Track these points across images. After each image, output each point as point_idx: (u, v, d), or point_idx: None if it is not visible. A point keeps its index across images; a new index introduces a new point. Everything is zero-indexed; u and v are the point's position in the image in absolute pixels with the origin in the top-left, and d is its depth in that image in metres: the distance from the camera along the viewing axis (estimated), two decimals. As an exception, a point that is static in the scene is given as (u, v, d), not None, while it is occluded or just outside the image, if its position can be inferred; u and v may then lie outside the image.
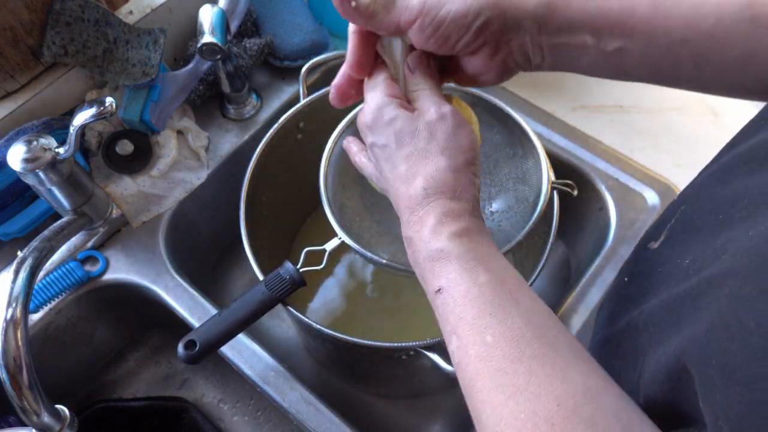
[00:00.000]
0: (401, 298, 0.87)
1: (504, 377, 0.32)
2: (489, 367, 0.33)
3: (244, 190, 0.68)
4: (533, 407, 0.30)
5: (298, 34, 0.88)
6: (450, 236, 0.37)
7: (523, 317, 0.34)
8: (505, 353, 0.33)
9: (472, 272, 0.36)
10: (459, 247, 0.37)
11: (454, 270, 0.37)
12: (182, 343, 0.55)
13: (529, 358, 0.32)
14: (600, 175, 0.81)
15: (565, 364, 0.32)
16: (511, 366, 0.32)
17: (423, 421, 0.83)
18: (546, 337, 0.33)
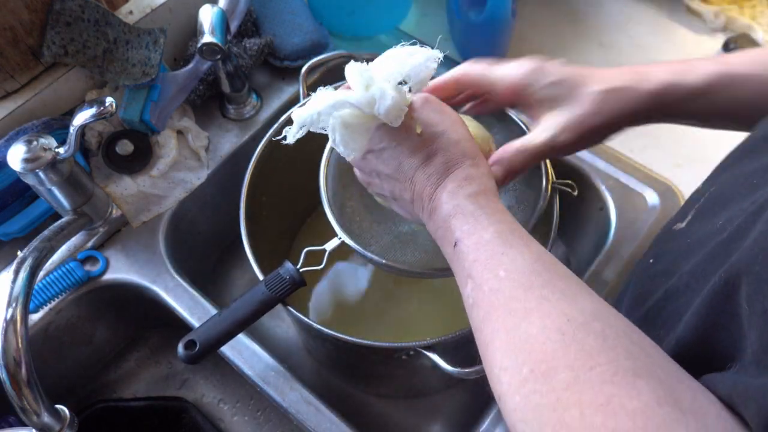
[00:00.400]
0: (401, 298, 0.87)
1: (516, 303, 0.34)
2: (502, 296, 0.35)
3: (244, 190, 0.68)
4: (544, 322, 0.32)
5: (298, 34, 0.88)
6: (466, 196, 0.41)
7: (534, 254, 0.37)
8: (517, 283, 0.35)
9: (485, 222, 0.39)
10: (473, 204, 0.40)
11: (469, 222, 0.40)
12: (182, 343, 0.55)
13: (539, 286, 0.34)
14: (600, 175, 0.81)
15: (575, 291, 0.34)
16: (523, 293, 0.34)
17: (423, 421, 0.83)
18: (556, 270, 0.35)
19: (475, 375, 0.56)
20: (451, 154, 0.43)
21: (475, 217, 0.40)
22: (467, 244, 0.39)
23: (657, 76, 0.46)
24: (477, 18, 0.89)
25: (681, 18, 1.05)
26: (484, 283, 0.37)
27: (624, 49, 1.01)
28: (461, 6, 0.92)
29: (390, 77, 0.43)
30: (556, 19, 1.05)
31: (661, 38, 1.02)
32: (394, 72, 0.43)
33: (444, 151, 0.43)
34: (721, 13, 1.01)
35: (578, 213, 0.85)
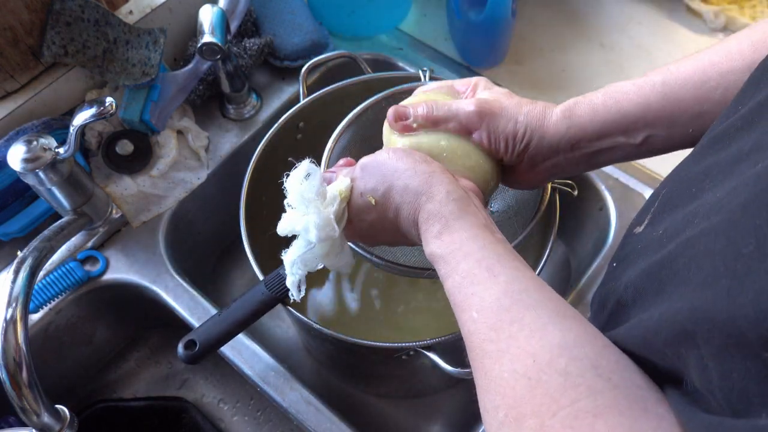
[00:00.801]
0: (401, 298, 0.87)
1: (490, 345, 0.35)
2: (478, 338, 0.36)
3: (244, 190, 0.68)
4: (513, 366, 0.33)
5: (298, 34, 0.88)
6: (433, 239, 0.42)
7: (502, 288, 0.37)
8: (488, 324, 0.36)
9: (453, 263, 0.40)
10: (441, 246, 0.41)
11: (441, 267, 0.41)
12: (182, 343, 0.55)
13: (508, 324, 0.35)
14: (600, 175, 0.81)
15: (544, 323, 0.34)
16: (495, 334, 0.35)
17: (423, 421, 0.83)
18: (524, 302, 0.36)
19: (475, 375, 0.56)
20: (407, 203, 0.44)
21: (445, 261, 0.41)
22: (447, 288, 0.40)
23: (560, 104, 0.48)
24: (477, 18, 0.89)
25: (681, 18, 1.05)
26: (464, 325, 0.38)
27: (624, 50, 1.01)
28: (461, 6, 0.92)
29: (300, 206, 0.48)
30: (556, 19, 1.05)
31: (661, 38, 1.02)
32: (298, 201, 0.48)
33: (401, 205, 0.44)
34: (721, 13, 1.01)
35: (578, 213, 0.85)
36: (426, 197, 0.43)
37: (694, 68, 0.45)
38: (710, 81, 0.44)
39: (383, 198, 0.45)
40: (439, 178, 0.44)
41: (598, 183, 0.80)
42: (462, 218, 0.42)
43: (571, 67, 0.98)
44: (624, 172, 0.81)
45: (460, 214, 0.42)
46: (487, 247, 0.40)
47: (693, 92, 0.44)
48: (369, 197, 0.46)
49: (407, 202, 0.44)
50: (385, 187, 0.45)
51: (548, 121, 0.48)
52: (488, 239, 0.40)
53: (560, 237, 0.93)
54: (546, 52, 1.00)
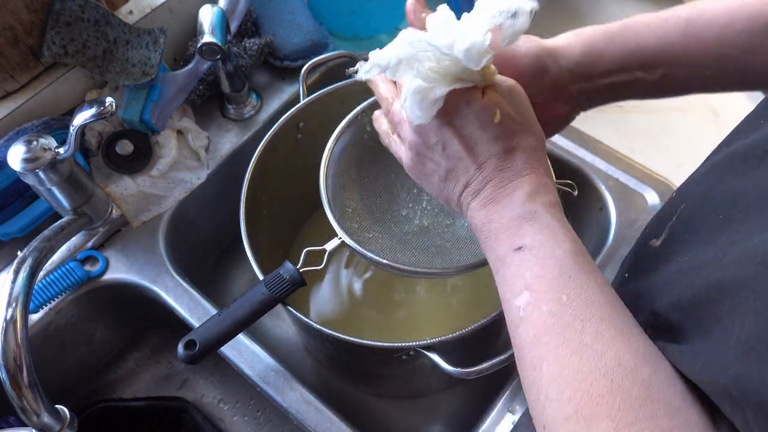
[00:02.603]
0: (401, 298, 0.87)
1: (573, 333, 0.34)
2: (560, 322, 0.34)
3: (244, 190, 0.68)
4: (596, 363, 0.32)
5: (298, 34, 0.88)
6: (543, 203, 0.39)
7: (598, 285, 0.36)
8: (577, 312, 0.34)
9: (558, 238, 0.38)
10: (549, 214, 0.39)
11: (543, 232, 0.38)
12: (182, 343, 0.55)
13: (597, 320, 0.34)
14: (600, 175, 0.81)
15: (630, 331, 0.34)
16: (581, 324, 0.34)
17: (423, 421, 0.83)
18: (614, 306, 0.35)
19: (475, 375, 0.56)
20: (530, 158, 0.41)
21: (551, 229, 0.38)
22: (536, 255, 0.37)
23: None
24: (477, 18, 0.89)
25: (681, 18, 1.05)
26: (543, 302, 0.35)
27: (624, 49, 1.00)
28: (461, 6, 0.92)
29: (476, 23, 0.40)
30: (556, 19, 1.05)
31: (661, 38, 1.02)
32: (481, 19, 0.40)
33: (524, 151, 0.41)
34: (721, 13, 1.01)
35: (578, 213, 0.85)
36: (545, 171, 0.41)
37: (723, 8, 0.42)
38: (736, 24, 0.41)
39: (508, 129, 0.40)
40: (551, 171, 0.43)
41: (598, 183, 0.80)
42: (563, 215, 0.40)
43: (571, 67, 0.98)
44: (624, 172, 0.81)
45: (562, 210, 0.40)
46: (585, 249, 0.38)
47: (717, 33, 0.42)
48: (498, 113, 0.40)
49: (530, 157, 0.40)
50: (519, 128, 0.41)
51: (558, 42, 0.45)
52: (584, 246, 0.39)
53: (560, 237, 0.92)
54: (546, 52, 1.00)
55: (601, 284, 0.36)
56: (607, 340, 0.33)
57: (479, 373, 0.56)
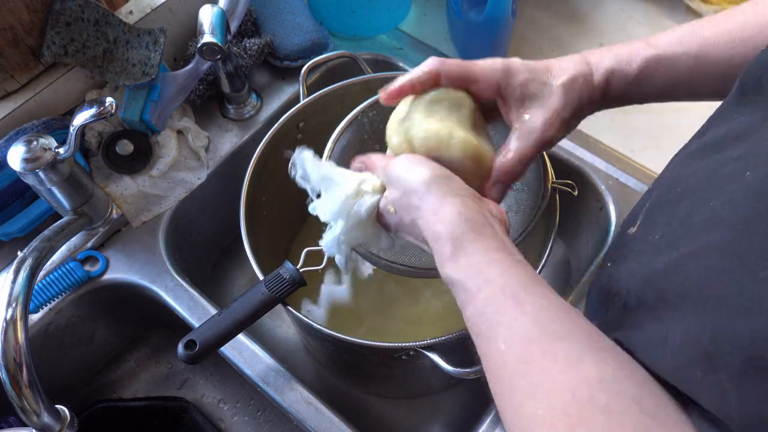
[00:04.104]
0: (401, 298, 0.87)
1: (520, 380, 0.33)
2: (506, 372, 0.34)
3: (244, 190, 0.68)
4: (550, 403, 0.31)
5: (298, 34, 0.88)
6: (446, 262, 0.40)
7: (530, 318, 0.34)
8: (518, 356, 0.33)
9: (474, 290, 0.38)
10: (456, 271, 0.39)
11: (461, 294, 0.39)
12: (182, 343, 0.55)
13: (539, 357, 0.33)
14: (600, 175, 0.81)
15: (579, 356, 0.32)
16: (525, 368, 0.33)
17: (423, 421, 0.83)
18: (556, 333, 0.34)
19: (475, 375, 0.56)
20: (420, 218, 0.43)
21: (464, 287, 0.39)
22: (467, 317, 0.38)
23: (603, 64, 0.48)
24: (477, 18, 0.89)
25: (681, 18, 1.05)
26: (489, 357, 0.36)
27: (624, 49, 1.00)
28: (461, 6, 0.92)
29: None
30: (556, 19, 1.05)
31: (661, 38, 1.02)
32: None
33: (417, 218, 0.43)
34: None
35: (578, 213, 0.85)
36: (436, 217, 0.41)
37: (727, 43, 0.45)
38: (737, 58, 0.44)
39: (402, 210, 0.45)
40: (451, 202, 0.42)
41: (598, 183, 0.80)
42: (476, 240, 0.40)
43: (571, 67, 0.98)
44: (624, 172, 0.81)
45: (473, 236, 0.40)
46: (509, 272, 0.38)
47: (722, 70, 0.45)
48: (389, 207, 0.46)
49: (419, 217, 0.43)
50: (403, 201, 0.44)
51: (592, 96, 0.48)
52: (508, 263, 0.38)
53: (560, 237, 0.93)
54: (546, 52, 1.00)
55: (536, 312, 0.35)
56: (554, 375, 0.32)
57: (479, 373, 0.56)
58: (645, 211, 0.41)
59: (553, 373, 0.32)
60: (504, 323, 0.35)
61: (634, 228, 0.41)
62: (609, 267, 0.43)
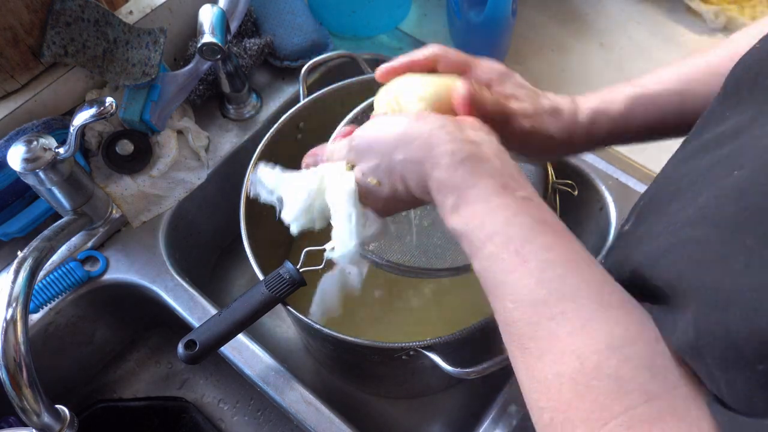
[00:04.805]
0: (401, 298, 0.87)
1: (530, 342, 0.33)
2: (516, 331, 0.34)
3: (244, 190, 0.68)
4: (558, 368, 0.31)
5: (298, 34, 0.88)
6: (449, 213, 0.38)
7: (535, 276, 0.33)
8: (525, 318, 0.33)
9: (477, 246, 0.36)
10: (459, 222, 0.37)
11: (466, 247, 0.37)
12: (182, 343, 0.55)
13: (547, 320, 0.32)
14: (600, 175, 0.81)
15: (587, 318, 0.31)
16: (533, 330, 0.32)
17: (423, 421, 0.83)
18: (561, 291, 0.33)
19: (475, 375, 0.56)
20: (412, 173, 0.40)
21: (468, 239, 0.37)
22: (475, 269, 0.37)
23: (588, 104, 0.49)
24: (477, 18, 0.89)
25: (681, 18, 1.05)
26: (498, 312, 0.35)
27: (624, 49, 1.01)
28: (461, 6, 0.92)
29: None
30: (556, 19, 1.05)
31: (661, 38, 1.02)
32: None
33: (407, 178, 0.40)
34: (721, 12, 1.01)
35: (578, 213, 0.85)
36: (430, 164, 0.38)
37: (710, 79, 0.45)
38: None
39: (387, 176, 0.41)
40: (437, 137, 0.38)
41: (598, 183, 0.80)
42: (476, 185, 0.37)
43: (571, 67, 0.98)
44: (624, 172, 0.81)
45: (473, 179, 0.37)
46: (511, 221, 0.35)
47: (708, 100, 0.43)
48: (371, 179, 0.42)
49: (412, 171, 0.39)
50: (384, 164, 0.41)
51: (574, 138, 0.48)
52: (511, 210, 0.36)
53: (560, 237, 0.92)
54: (546, 52, 1.00)
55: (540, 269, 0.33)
56: (563, 340, 0.31)
57: (479, 373, 0.56)
58: (639, 208, 0.41)
59: (561, 338, 0.31)
60: (509, 282, 0.34)
61: (627, 225, 0.42)
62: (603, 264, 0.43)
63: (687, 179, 0.35)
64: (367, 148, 0.42)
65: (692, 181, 0.33)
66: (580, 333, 0.31)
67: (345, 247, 0.46)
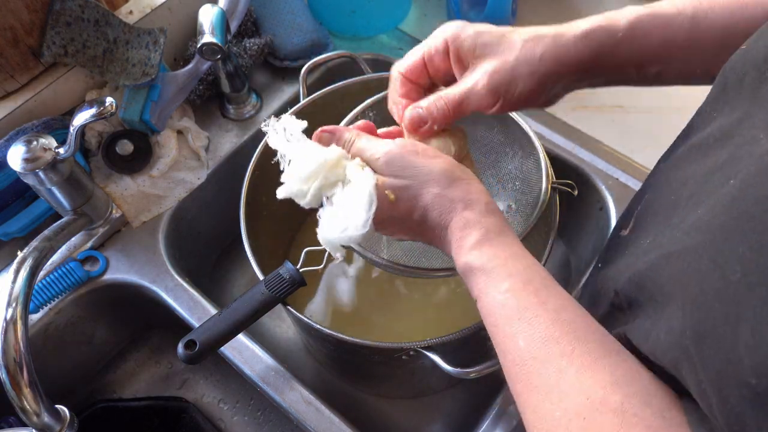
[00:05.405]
0: (401, 298, 0.87)
1: (537, 379, 0.33)
2: (525, 369, 0.34)
3: (244, 190, 0.68)
4: (565, 405, 0.32)
5: (298, 34, 0.88)
6: (470, 249, 0.39)
7: (551, 316, 0.35)
8: (536, 355, 0.34)
9: (497, 279, 0.38)
10: (480, 257, 0.39)
11: (481, 281, 0.39)
12: (182, 343, 0.55)
13: (557, 357, 0.33)
14: (600, 175, 0.81)
15: (594, 358, 0.33)
16: (543, 367, 0.33)
17: (423, 421, 0.83)
18: (574, 333, 0.34)
19: (475, 375, 0.56)
20: (439, 206, 0.41)
21: (486, 273, 0.38)
22: (485, 305, 0.38)
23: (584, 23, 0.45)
24: (477, 18, 0.89)
25: (681, 18, 1.04)
26: (507, 352, 0.36)
27: (624, 49, 1.00)
28: (461, 6, 0.92)
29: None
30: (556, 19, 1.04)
31: (661, 38, 1.02)
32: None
33: (430, 208, 0.42)
34: (721, 13, 1.01)
35: (578, 213, 0.85)
36: (463, 204, 0.41)
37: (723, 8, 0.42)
38: (737, 25, 0.41)
39: (408, 199, 0.42)
40: (477, 188, 0.42)
41: (598, 183, 0.80)
42: (503, 234, 0.40)
43: (571, 67, 0.98)
44: (624, 172, 0.81)
45: (501, 229, 0.40)
46: (532, 268, 0.38)
47: (719, 35, 0.42)
48: (389, 192, 0.42)
49: (441, 205, 0.41)
50: (413, 189, 0.42)
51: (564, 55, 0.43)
52: (530, 259, 0.39)
53: (560, 237, 0.93)
54: (546, 52, 1.00)
55: (557, 311, 0.35)
56: (570, 377, 0.32)
57: (479, 373, 0.56)
58: (637, 214, 0.41)
59: (569, 374, 0.32)
60: (525, 319, 0.35)
61: (626, 230, 0.42)
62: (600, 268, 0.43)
63: (686, 189, 0.35)
64: (403, 166, 0.43)
65: (691, 193, 0.34)
66: (587, 372, 0.32)
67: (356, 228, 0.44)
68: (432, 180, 0.42)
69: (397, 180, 0.42)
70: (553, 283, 0.37)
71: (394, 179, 0.42)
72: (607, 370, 0.32)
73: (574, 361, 0.33)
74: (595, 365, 0.32)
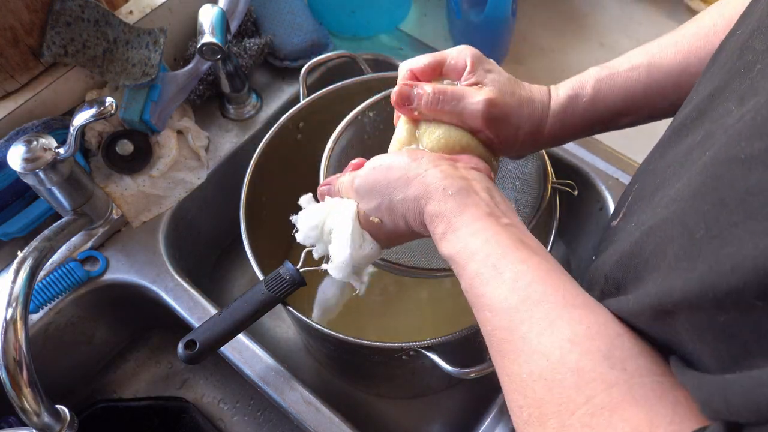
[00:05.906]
0: (401, 298, 0.87)
1: (506, 345, 0.36)
2: (496, 338, 0.36)
3: (244, 190, 0.68)
4: (530, 367, 0.33)
5: (298, 34, 0.88)
6: (439, 240, 0.42)
7: (508, 286, 0.37)
8: (502, 324, 0.36)
9: (461, 265, 0.39)
10: (448, 247, 0.41)
11: (454, 268, 0.41)
12: (182, 343, 0.55)
13: (519, 324, 0.35)
14: (600, 175, 0.81)
15: (552, 318, 0.34)
16: (508, 334, 0.35)
17: (423, 421, 0.83)
18: (531, 297, 0.36)
19: (475, 375, 0.56)
20: (411, 211, 0.43)
21: (454, 261, 0.40)
22: (463, 288, 0.40)
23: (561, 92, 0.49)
24: (477, 18, 0.89)
25: (681, 18, 1.05)
26: (481, 324, 0.38)
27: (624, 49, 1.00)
28: (461, 6, 0.92)
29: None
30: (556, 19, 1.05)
31: (661, 38, 1.02)
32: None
33: (406, 215, 0.44)
34: (721, 13, 1.01)
35: (578, 213, 0.85)
36: (425, 200, 0.42)
37: (675, 55, 0.46)
38: (690, 67, 0.45)
39: (388, 214, 0.45)
40: (432, 175, 0.43)
41: (598, 183, 0.80)
42: (462, 213, 0.41)
43: (571, 67, 0.98)
44: (624, 172, 0.81)
45: (459, 209, 0.41)
46: (491, 240, 0.39)
47: (675, 80, 0.46)
48: (373, 218, 0.46)
49: (410, 209, 0.44)
50: (385, 204, 0.45)
51: (545, 125, 0.49)
52: (491, 231, 0.39)
53: (560, 237, 0.93)
54: (546, 52, 1.00)
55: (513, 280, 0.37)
56: (532, 341, 0.34)
57: (479, 373, 0.56)
58: (628, 204, 0.42)
59: (531, 340, 0.34)
60: (487, 294, 0.37)
61: (616, 221, 0.43)
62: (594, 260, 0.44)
63: (670, 170, 0.36)
64: (368, 190, 0.46)
65: (674, 172, 0.35)
66: (546, 333, 0.34)
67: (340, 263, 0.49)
68: (393, 189, 0.44)
69: (371, 202, 0.46)
70: (515, 246, 0.38)
71: (369, 202, 0.46)
72: (566, 329, 0.33)
73: (534, 325, 0.34)
74: (554, 326, 0.34)
